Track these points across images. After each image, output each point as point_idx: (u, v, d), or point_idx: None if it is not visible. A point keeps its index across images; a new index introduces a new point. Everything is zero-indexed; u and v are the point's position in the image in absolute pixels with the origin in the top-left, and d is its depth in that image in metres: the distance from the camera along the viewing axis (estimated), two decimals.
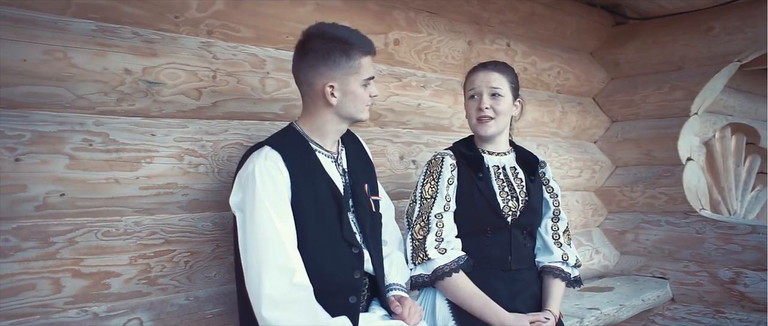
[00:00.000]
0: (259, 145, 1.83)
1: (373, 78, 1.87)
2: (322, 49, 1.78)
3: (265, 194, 1.70)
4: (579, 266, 2.29)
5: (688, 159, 3.57)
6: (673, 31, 3.49)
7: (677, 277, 3.51)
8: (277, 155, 1.76)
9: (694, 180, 3.58)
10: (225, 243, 2.07)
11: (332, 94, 1.81)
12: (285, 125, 1.96)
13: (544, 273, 2.24)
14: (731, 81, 3.66)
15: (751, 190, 5.46)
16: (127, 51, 1.84)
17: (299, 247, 1.73)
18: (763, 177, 5.67)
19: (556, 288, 2.21)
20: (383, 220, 2.07)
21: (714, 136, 4.83)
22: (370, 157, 2.12)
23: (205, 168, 2.01)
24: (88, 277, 1.79)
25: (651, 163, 3.70)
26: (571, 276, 2.26)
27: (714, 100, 3.78)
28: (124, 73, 1.83)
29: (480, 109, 2.16)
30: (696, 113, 3.54)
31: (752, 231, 3.25)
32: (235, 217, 1.78)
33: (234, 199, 1.78)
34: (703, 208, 3.59)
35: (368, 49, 1.84)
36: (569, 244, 2.29)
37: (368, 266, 1.92)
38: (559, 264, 2.24)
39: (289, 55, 2.25)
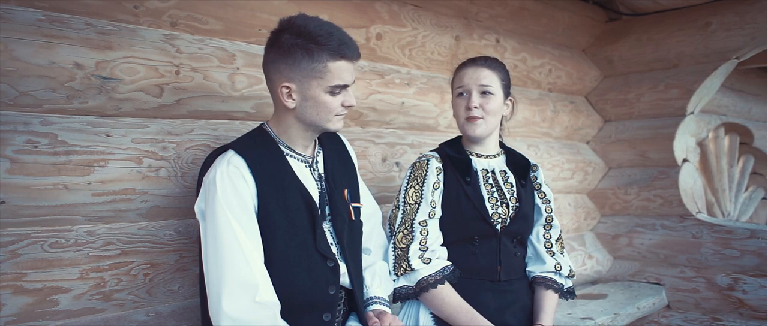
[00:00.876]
0: (223, 149, 1.69)
1: (346, 87, 1.68)
2: (285, 44, 1.62)
3: (227, 204, 1.57)
4: (573, 276, 2.16)
5: (684, 160, 3.46)
6: (668, 27, 3.38)
7: (673, 283, 3.39)
8: (241, 161, 1.62)
9: (691, 182, 3.46)
10: (190, 253, 1.91)
11: (290, 96, 1.65)
12: (256, 126, 1.81)
13: (536, 284, 2.11)
14: (725, 80, 3.55)
15: (745, 191, 5.39)
16: (78, 43, 1.68)
17: (268, 261, 1.61)
18: (756, 178, 5.62)
19: (549, 300, 2.07)
20: (367, 228, 1.94)
21: (707, 136, 4.74)
22: (354, 159, 1.97)
23: (166, 172, 1.85)
24: (32, 294, 1.62)
25: (645, 164, 3.58)
26: (565, 287, 2.14)
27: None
28: (75, 67, 1.66)
29: (468, 108, 2.03)
30: (692, 112, 3.43)
31: (751, 235, 3.14)
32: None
33: (198, 207, 1.64)
34: (700, 211, 3.48)
35: (341, 52, 1.62)
36: (562, 253, 2.15)
37: (345, 280, 1.78)
38: (551, 275, 2.10)
39: (261, 49, 2.09)
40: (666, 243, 3.45)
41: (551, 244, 2.14)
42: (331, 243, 1.76)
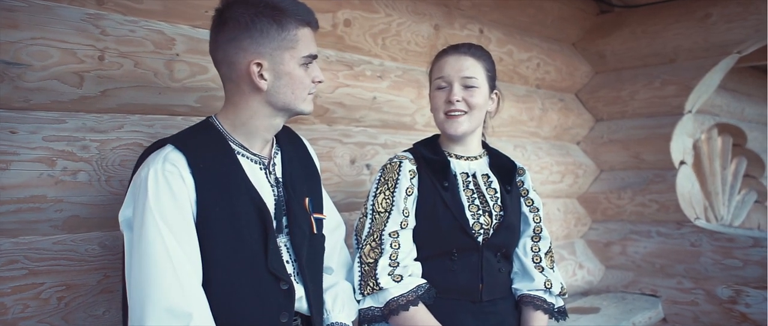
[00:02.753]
0: (160, 143, 1.43)
1: (315, 57, 1.48)
2: (244, 16, 1.39)
3: (159, 210, 1.31)
4: (564, 294, 1.92)
5: (682, 162, 3.28)
6: (664, 19, 3.21)
7: (670, 295, 3.22)
8: (181, 157, 1.37)
9: (688, 186, 3.28)
10: (116, 271, 1.66)
11: (261, 76, 1.41)
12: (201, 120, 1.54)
13: (524, 304, 1.87)
14: None
15: (738, 194, 5.23)
16: None
17: (207, 281, 1.36)
18: (749, 181, 5.47)
19: (538, 323, 1.85)
20: (329, 244, 1.70)
21: (700, 137, 4.57)
22: (317, 163, 1.73)
23: (87, 175, 1.58)
24: None
25: (640, 166, 3.40)
26: (555, 306, 1.90)
27: None
28: None
29: (449, 102, 1.80)
30: (690, 111, 3.26)
31: (754, 244, 2.96)
32: None
33: (124, 213, 1.38)
34: (699, 217, 3.32)
35: (307, 18, 1.46)
36: (552, 268, 1.91)
37: (301, 305, 1.53)
38: (541, 294, 1.87)
39: (208, 34, 1.83)
40: (662, 251, 3.28)
41: (540, 258, 1.90)
42: (288, 261, 1.51)
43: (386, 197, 1.79)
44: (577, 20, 3.38)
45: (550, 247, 1.93)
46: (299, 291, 1.51)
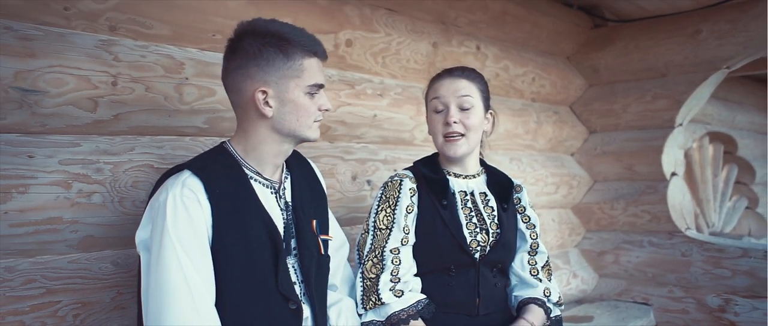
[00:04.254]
0: (178, 169, 1.48)
1: (322, 86, 1.54)
2: (253, 46, 1.45)
3: (177, 234, 1.36)
4: (561, 305, 1.97)
5: (673, 174, 3.32)
6: (656, 34, 3.23)
7: (661, 303, 3.25)
8: (198, 183, 1.42)
9: (680, 197, 3.32)
10: (129, 288, 1.70)
11: (266, 103, 1.46)
12: (215, 144, 1.60)
13: (523, 304, 1.91)
14: None
15: (729, 201, 5.30)
16: None
17: (220, 302, 1.41)
18: (740, 188, 5.54)
19: (535, 314, 1.87)
20: (334, 262, 1.75)
21: (692, 145, 4.63)
22: (324, 185, 1.79)
23: (101, 197, 1.63)
24: None
25: (632, 177, 3.43)
26: (552, 313, 1.95)
27: None
28: None
29: (447, 124, 1.85)
30: (681, 124, 3.28)
31: (743, 254, 3.00)
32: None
33: (141, 235, 1.43)
34: (689, 228, 3.34)
35: (313, 48, 1.51)
36: (550, 280, 1.97)
37: (308, 324, 1.58)
38: (541, 297, 1.92)
39: (215, 56, 1.91)
40: (654, 261, 3.31)
41: (538, 271, 1.95)
42: (296, 282, 1.57)
43: (387, 214, 1.84)
44: (572, 35, 3.41)
45: (547, 261, 1.98)
46: (306, 310, 1.56)
